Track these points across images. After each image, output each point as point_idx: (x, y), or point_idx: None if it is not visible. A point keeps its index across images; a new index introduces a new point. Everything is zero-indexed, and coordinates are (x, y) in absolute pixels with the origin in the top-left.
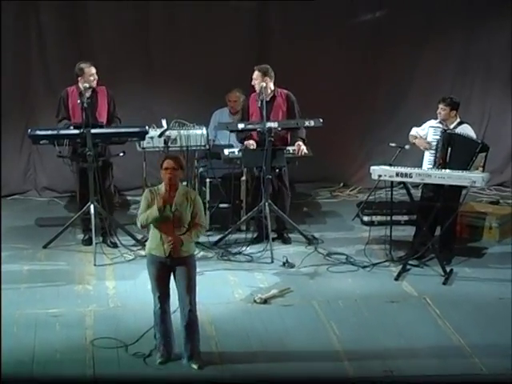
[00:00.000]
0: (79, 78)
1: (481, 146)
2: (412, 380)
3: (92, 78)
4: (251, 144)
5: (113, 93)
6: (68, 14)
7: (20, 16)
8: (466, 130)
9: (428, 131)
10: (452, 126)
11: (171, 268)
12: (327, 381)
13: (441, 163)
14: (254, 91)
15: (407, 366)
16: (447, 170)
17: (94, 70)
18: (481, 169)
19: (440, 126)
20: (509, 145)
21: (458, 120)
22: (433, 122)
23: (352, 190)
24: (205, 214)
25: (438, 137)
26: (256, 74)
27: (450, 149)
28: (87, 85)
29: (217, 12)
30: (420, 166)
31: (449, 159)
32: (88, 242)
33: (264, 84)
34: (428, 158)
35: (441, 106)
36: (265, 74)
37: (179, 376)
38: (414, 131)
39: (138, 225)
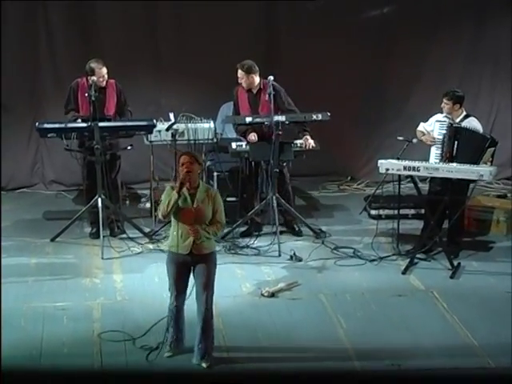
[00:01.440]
0: (89, 77)
1: (490, 141)
2: (419, 374)
3: (101, 79)
4: (252, 138)
5: (122, 86)
6: (77, 9)
7: (29, 12)
8: (473, 123)
9: (434, 126)
10: (458, 120)
11: (191, 266)
12: (334, 374)
13: (448, 157)
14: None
15: (414, 359)
16: (454, 164)
17: (104, 71)
18: (489, 163)
19: (446, 119)
20: None
21: (464, 113)
22: (439, 116)
23: (359, 184)
24: None
25: (444, 131)
26: (239, 72)
27: (456, 143)
28: (95, 78)
29: (225, 9)
30: (427, 160)
31: (455, 153)
32: (95, 235)
33: (271, 77)
34: (435, 152)
35: (444, 100)
36: (247, 71)
37: (186, 369)
38: (422, 127)
39: (159, 216)
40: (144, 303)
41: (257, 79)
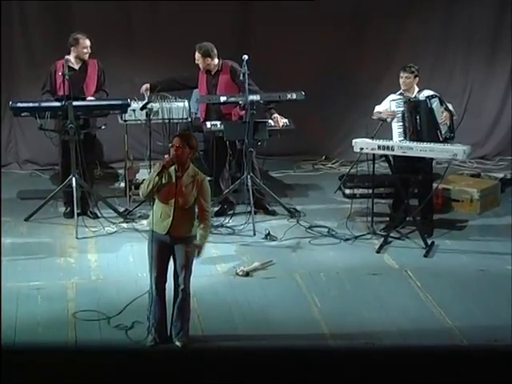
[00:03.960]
0: (72, 48)
1: (427, 100)
2: (393, 351)
3: (85, 51)
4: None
5: (103, 66)
6: None
7: None
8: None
9: (390, 104)
10: (413, 95)
11: (171, 247)
12: (309, 352)
13: (412, 133)
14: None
15: (388, 337)
16: (417, 143)
17: (88, 43)
18: (446, 113)
19: (401, 97)
20: (490, 118)
21: (417, 88)
22: (392, 96)
23: (334, 163)
24: None
25: (401, 108)
26: (196, 54)
27: (417, 117)
28: (70, 57)
29: None
30: (391, 138)
31: (420, 128)
32: (70, 214)
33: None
34: (397, 130)
35: (405, 74)
36: (204, 54)
37: (161, 347)
38: (377, 109)
39: (140, 193)
40: (118, 282)
41: (214, 62)
